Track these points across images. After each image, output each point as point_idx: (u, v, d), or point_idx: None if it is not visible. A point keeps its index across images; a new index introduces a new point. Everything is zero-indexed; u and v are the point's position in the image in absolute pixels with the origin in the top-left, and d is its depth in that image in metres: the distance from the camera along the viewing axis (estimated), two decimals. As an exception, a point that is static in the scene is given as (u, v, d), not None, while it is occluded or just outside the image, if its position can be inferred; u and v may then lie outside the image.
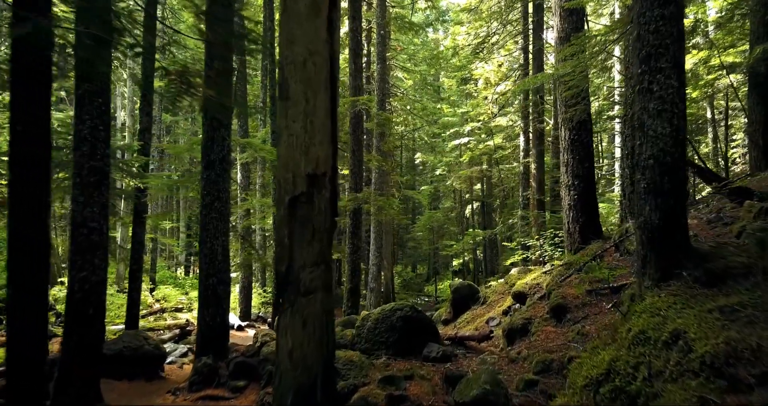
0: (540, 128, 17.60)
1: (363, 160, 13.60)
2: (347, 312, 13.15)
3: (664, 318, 3.06)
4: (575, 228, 8.94)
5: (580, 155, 9.02)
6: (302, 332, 3.95)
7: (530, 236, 16.88)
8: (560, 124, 9.29)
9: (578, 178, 9.00)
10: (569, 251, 9.08)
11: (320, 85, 4.26)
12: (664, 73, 3.66)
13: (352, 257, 13.31)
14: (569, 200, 9.07)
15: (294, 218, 4.10)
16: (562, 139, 9.24)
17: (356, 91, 13.31)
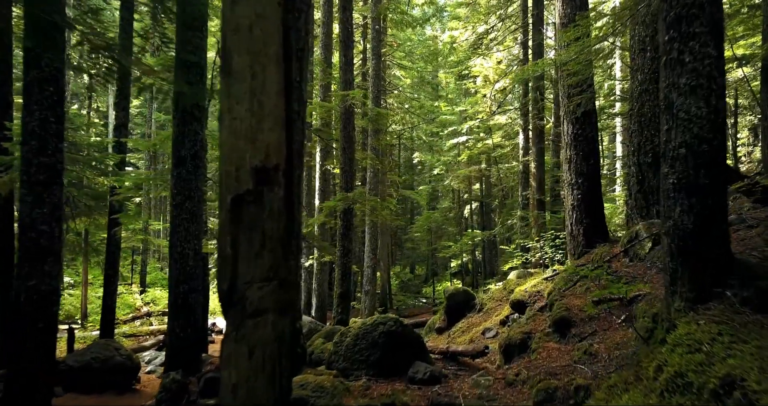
0: (540, 125, 16.78)
1: (354, 158, 12.80)
2: (337, 318, 12.34)
3: (708, 356, 2.27)
4: (579, 230, 8.13)
5: (584, 151, 8.21)
6: (248, 364, 3.13)
7: (530, 238, 16.06)
8: (562, 117, 8.48)
9: (582, 176, 8.18)
10: (572, 255, 8.27)
11: (271, 57, 3.41)
12: (698, 39, 2.86)
13: (343, 260, 12.50)
14: (572, 200, 8.26)
15: (238, 223, 3.30)
16: (564, 134, 8.43)
17: (347, 85, 12.50)
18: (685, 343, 2.46)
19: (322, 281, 15.89)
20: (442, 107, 25.39)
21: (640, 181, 9.62)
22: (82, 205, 10.45)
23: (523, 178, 17.81)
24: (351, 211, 12.53)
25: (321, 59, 15.25)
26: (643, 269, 6.23)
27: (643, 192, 9.60)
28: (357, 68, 24.06)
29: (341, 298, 12.39)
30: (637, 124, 9.85)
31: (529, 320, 6.32)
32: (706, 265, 2.82)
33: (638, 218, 9.67)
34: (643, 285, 5.58)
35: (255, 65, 3.56)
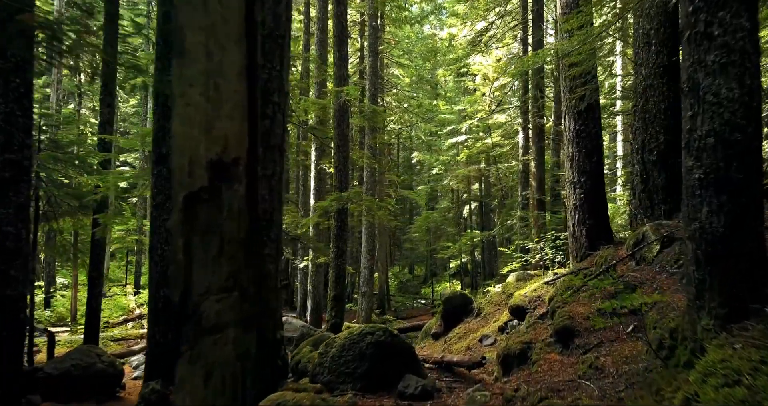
0: (540, 123, 16.31)
1: (349, 157, 12.33)
2: (331, 321, 11.89)
3: (752, 391, 1.82)
4: (581, 231, 7.66)
5: (587, 148, 7.74)
6: (205, 388, 2.66)
7: (530, 239, 15.58)
8: (564, 112, 8.01)
9: (585, 174, 7.72)
10: (574, 257, 7.80)
11: (230, 35, 2.94)
12: (729, 8, 2.40)
13: (337, 261, 12.03)
14: (574, 200, 7.79)
15: (192, 225, 2.83)
16: (566, 130, 7.96)
17: (341, 81, 12.05)
18: (720, 372, 2.00)
19: (318, 283, 15.42)
20: (440, 106, 24.92)
21: (645, 180, 9.17)
22: (65, 205, 10.01)
23: (523, 178, 17.34)
24: (345, 211, 12.08)
25: (316, 56, 14.79)
26: (652, 273, 5.75)
27: (647, 191, 9.14)
28: (354, 66, 23.60)
29: (335, 301, 11.94)
30: (642, 121, 9.40)
31: (529, 328, 5.84)
32: (740, 275, 2.35)
33: (643, 219, 9.20)
34: (654, 292, 5.11)
35: (211, 43, 3.01)
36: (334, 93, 11.58)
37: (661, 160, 8.77)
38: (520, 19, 17.78)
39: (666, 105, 8.82)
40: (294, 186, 21.91)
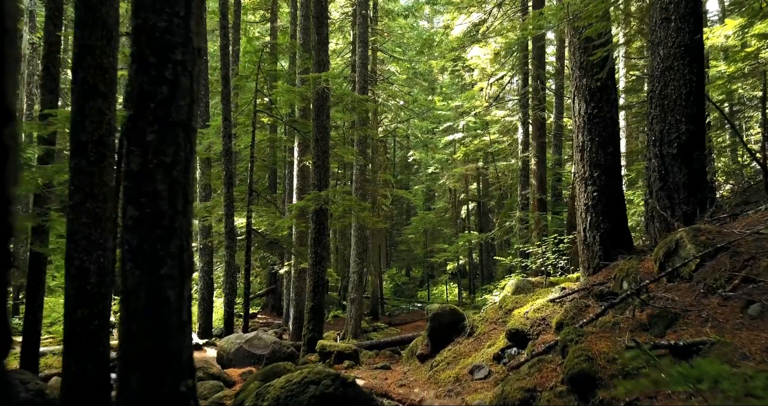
0: (541, 117, 14.83)
1: (329, 151, 10.86)
2: (308, 335, 10.42)
3: None
4: (594, 237, 6.18)
5: (601, 136, 6.27)
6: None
7: (530, 242, 14.12)
8: (573, 93, 6.54)
9: (598, 168, 6.24)
10: (585, 268, 6.32)
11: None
12: None
13: (315, 268, 10.56)
14: (586, 199, 6.31)
15: None
16: (576, 115, 6.49)
17: (320, 67, 10.58)
18: None
19: (300, 290, 13.95)
20: (436, 102, 23.45)
21: (663, 177, 7.69)
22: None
23: (523, 176, 15.87)
24: (325, 212, 10.61)
25: (300, 44, 13.35)
26: (694, 295, 4.27)
27: (666, 190, 7.67)
28: (347, 60, 22.16)
29: (313, 312, 10.47)
30: (659, 109, 7.93)
31: (533, 367, 4.35)
32: None
33: (661, 222, 7.75)
34: (704, 325, 3.63)
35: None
36: (311, 80, 10.11)
37: (683, 153, 7.33)
38: (520, 6, 16.29)
39: (688, 90, 7.37)
40: (282, 185, 20.47)
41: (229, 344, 9.79)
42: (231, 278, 11.74)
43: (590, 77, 6.32)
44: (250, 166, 12.42)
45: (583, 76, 6.37)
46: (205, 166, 14.78)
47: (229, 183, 11.69)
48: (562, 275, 13.25)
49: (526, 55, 15.92)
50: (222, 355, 9.81)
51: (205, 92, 14.71)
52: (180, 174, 3.71)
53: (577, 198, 6.57)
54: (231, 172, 11.76)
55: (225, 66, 11.91)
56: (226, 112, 11.75)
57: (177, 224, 3.69)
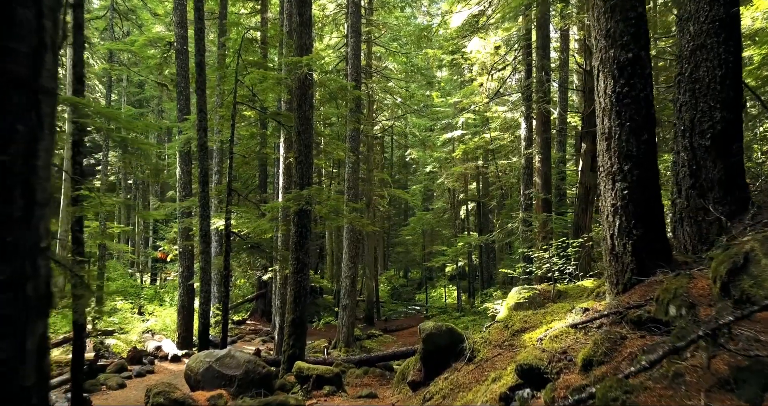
0: (546, 110, 13.50)
1: (312, 145, 9.55)
2: (288, 352, 9.11)
3: None
4: (625, 246, 4.87)
5: (634, 121, 4.95)
6: None
7: (535, 246, 12.81)
8: (596, 68, 5.23)
9: (630, 160, 4.93)
10: (614, 284, 4.99)
11: None
12: None
13: (296, 276, 9.25)
14: (614, 198, 5.00)
15: None
16: (600, 94, 5.18)
17: (303, 51, 9.27)
18: None
19: (285, 298, 12.63)
20: (434, 97, 22.13)
21: (694, 173, 6.39)
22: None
23: (526, 174, 14.54)
24: (307, 213, 9.30)
25: (285, 31, 12.04)
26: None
27: (699, 188, 6.36)
28: (341, 54, 20.85)
29: (293, 326, 9.16)
30: (689, 94, 6.62)
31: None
32: None
33: (692, 226, 6.44)
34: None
35: None
36: (291, 65, 8.80)
37: (717, 145, 6.04)
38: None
39: (723, 72, 6.06)
40: (273, 185, 19.17)
41: (197, 363, 8.48)
42: (206, 286, 10.44)
43: (620, 48, 5.00)
44: (229, 163, 11.10)
45: (610, 47, 5.06)
46: (185, 163, 13.47)
47: (203, 181, 10.40)
48: (570, 282, 11.92)
49: (529, 44, 14.61)
50: (190, 375, 8.51)
51: (185, 84, 13.40)
52: (17, 159, 2.35)
53: (602, 197, 5.25)
54: (206, 170, 10.46)
55: (200, 52, 10.61)
56: (201, 103, 10.45)
57: (11, 237, 2.31)
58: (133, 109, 24.02)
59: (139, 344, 13.86)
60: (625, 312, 4.37)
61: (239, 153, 11.88)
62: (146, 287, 23.26)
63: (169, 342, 13.51)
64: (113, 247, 18.70)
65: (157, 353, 13.01)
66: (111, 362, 11.79)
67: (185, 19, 13.56)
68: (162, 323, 14.84)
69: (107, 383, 10.46)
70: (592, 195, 14.06)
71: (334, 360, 10.33)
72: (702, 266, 4.82)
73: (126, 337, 14.31)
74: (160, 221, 23.11)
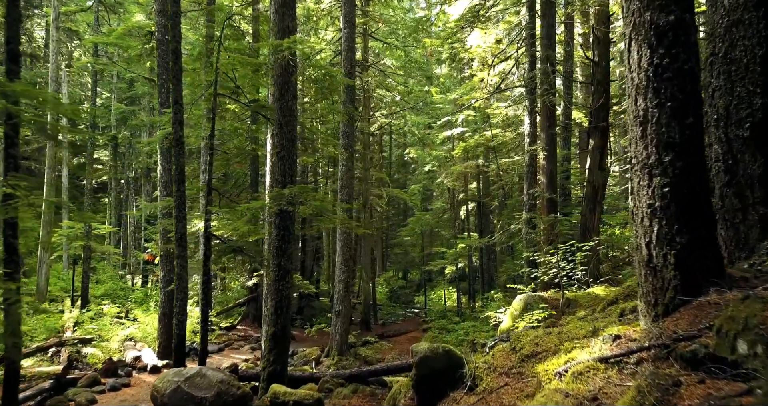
0: (551, 102, 12.44)
1: (296, 139, 8.49)
2: (268, 369, 8.05)
3: None
4: (666, 258, 3.81)
5: (676, 100, 3.89)
6: None
7: (540, 249, 11.74)
8: (628, 36, 4.16)
9: (671, 149, 3.86)
10: (651, 306, 3.91)
11: None
12: None
13: (277, 285, 8.21)
14: (651, 197, 3.94)
15: None
16: (633, 68, 4.11)
17: (284, 35, 8.21)
18: None
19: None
20: (433, 93, 21.06)
21: (730, 168, 5.36)
22: None
23: (530, 173, 13.46)
24: (290, 215, 8.24)
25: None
26: None
27: (735, 185, 5.35)
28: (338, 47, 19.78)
29: (274, 340, 8.12)
30: (724, 78, 5.60)
31: None
32: None
33: (728, 230, 5.44)
34: None
35: None
36: (271, 47, 7.74)
37: (757, 135, 5.03)
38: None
39: (764, 51, 5.04)
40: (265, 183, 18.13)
41: (164, 383, 7.44)
42: (182, 294, 9.40)
43: (658, 9, 3.94)
44: (209, 160, 10.06)
45: (645, 8, 3.99)
46: (165, 161, 12.42)
47: (179, 180, 9.35)
48: (580, 289, 10.85)
49: (533, 34, 13.53)
50: (156, 396, 7.47)
51: (167, 77, 12.33)
52: None
53: (634, 196, 4.18)
54: (182, 167, 9.42)
55: (175, 39, 9.55)
56: (176, 94, 9.41)
57: None
58: (123, 106, 22.97)
59: (119, 353, 12.82)
60: (673, 345, 3.30)
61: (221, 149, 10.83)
62: (137, 289, 22.22)
63: (149, 351, 12.46)
64: (99, 248, 17.66)
65: (135, 363, 11.96)
66: (83, 375, 10.74)
67: (167, 7, 12.48)
68: (144, 330, 13.80)
69: (76, 400, 9.42)
70: (600, 194, 13.00)
71: (321, 375, 9.28)
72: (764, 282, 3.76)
73: (106, 345, 13.28)
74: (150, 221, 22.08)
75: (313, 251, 22.75)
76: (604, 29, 12.46)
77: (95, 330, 13.53)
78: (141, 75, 18.10)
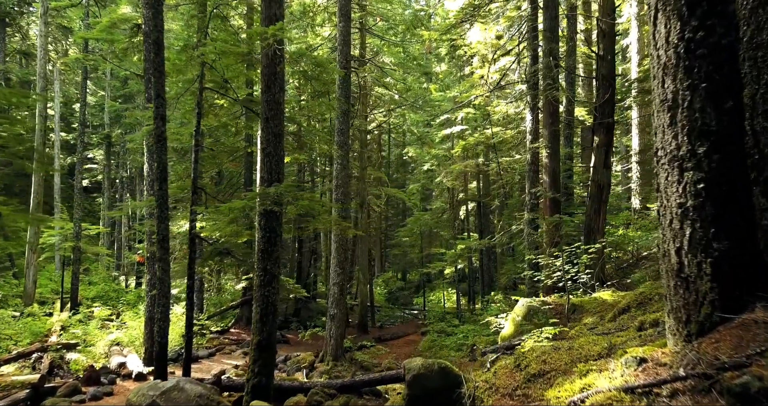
0: (554, 97, 11.81)
1: (283, 134, 7.87)
2: (253, 381, 7.43)
3: None
4: (701, 266, 3.18)
5: (712, 80, 3.27)
6: None
7: (543, 251, 11.13)
8: (653, 7, 3.53)
9: (706, 138, 3.25)
10: (683, 323, 3.29)
11: None
12: None
13: (262, 291, 7.59)
14: (681, 196, 3.32)
15: None
16: (659, 44, 3.49)
17: (271, 22, 7.60)
18: None
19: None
20: (432, 90, 20.43)
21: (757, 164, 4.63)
22: None
23: (532, 171, 12.83)
24: (276, 215, 7.63)
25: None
26: None
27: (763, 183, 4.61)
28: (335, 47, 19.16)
29: (259, 349, 7.50)
30: (750, 64, 4.85)
31: None
32: None
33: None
34: None
35: None
36: (255, 35, 7.12)
37: None
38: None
39: None
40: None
41: (138, 398, 6.81)
42: (163, 299, 8.78)
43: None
44: (195, 157, 9.47)
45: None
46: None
47: (161, 178, 8.74)
48: (586, 293, 10.23)
49: (535, 27, 12.91)
50: (130, 411, 6.85)
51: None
52: None
53: (660, 194, 3.55)
54: (164, 165, 8.79)
55: (157, 28, 8.94)
56: (158, 87, 8.79)
57: None
58: (117, 104, 22.36)
59: (104, 359, 12.21)
60: (717, 376, 2.68)
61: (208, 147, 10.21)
62: (131, 290, 21.62)
63: (135, 357, 11.84)
64: (89, 250, 17.05)
65: (120, 370, 11.33)
66: (64, 383, 10.11)
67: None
68: (131, 334, 13.19)
69: (53, 411, 8.81)
70: (605, 194, 12.37)
71: (311, 386, 8.66)
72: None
73: (92, 350, 12.67)
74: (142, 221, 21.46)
75: (309, 251, 22.13)
76: (610, 21, 11.83)
77: (80, 335, 12.91)
78: (133, 72, 17.48)
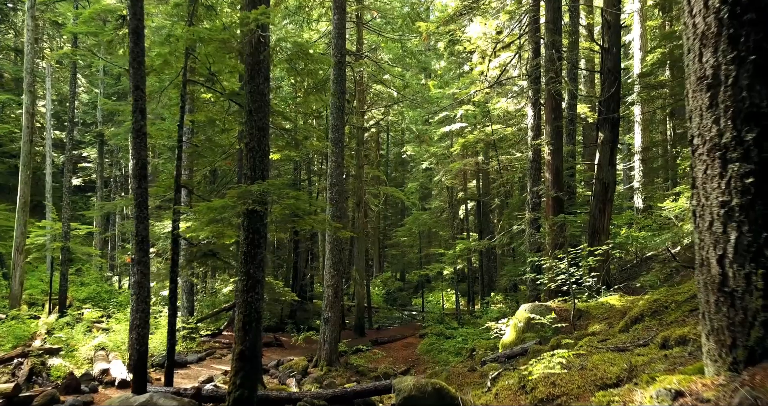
0: (557, 91, 11.20)
1: (268, 128, 7.26)
2: (234, 394, 6.82)
3: None
4: (750, 278, 2.58)
5: (762, 52, 2.66)
6: None
7: (545, 252, 10.53)
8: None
9: (752, 122, 2.63)
10: (726, 348, 2.69)
11: None
12: None
13: (245, 296, 6.99)
14: (724, 192, 2.70)
15: None
16: (694, 11, 2.88)
17: (254, 6, 7.00)
18: None
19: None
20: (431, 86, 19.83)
21: None
22: None
23: (534, 169, 12.23)
24: (260, 215, 7.03)
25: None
26: None
27: None
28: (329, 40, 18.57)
29: (242, 360, 6.90)
30: None
31: None
32: None
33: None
34: None
35: None
36: (238, 22, 6.51)
37: None
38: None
39: None
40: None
41: (109, 413, 6.24)
42: (142, 304, 8.20)
43: None
44: (178, 154, 8.90)
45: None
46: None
47: (140, 175, 8.15)
48: (591, 297, 9.62)
49: (537, 19, 12.30)
50: (100, 428, 6.27)
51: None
52: None
53: (696, 191, 2.95)
54: (143, 161, 8.21)
55: (136, 16, 8.33)
56: (136, 79, 8.20)
57: None
58: (110, 101, 21.77)
59: (87, 364, 11.62)
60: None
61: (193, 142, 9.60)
62: (123, 291, 21.03)
63: (119, 364, 11.25)
64: (78, 250, 16.46)
65: (102, 377, 10.73)
66: (41, 391, 9.52)
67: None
68: (116, 339, 12.60)
69: (26, 423, 8.22)
70: (611, 193, 11.76)
71: (300, 396, 8.07)
72: None
73: (75, 355, 12.07)
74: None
75: (305, 252, 21.53)
76: (615, 11, 11.22)
77: (63, 339, 12.31)
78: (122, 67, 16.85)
